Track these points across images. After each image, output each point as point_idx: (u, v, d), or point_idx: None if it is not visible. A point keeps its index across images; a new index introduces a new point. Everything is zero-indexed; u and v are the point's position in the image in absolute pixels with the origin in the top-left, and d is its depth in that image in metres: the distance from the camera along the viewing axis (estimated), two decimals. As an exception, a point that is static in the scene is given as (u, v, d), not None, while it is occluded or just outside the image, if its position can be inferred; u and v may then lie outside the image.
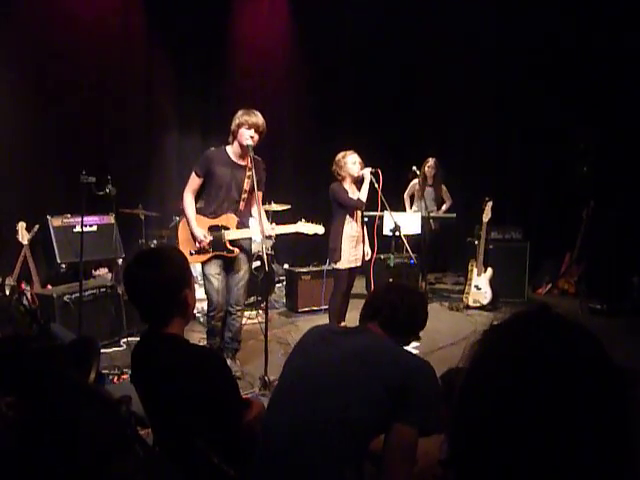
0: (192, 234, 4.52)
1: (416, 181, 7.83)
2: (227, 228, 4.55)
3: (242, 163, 4.57)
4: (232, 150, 4.58)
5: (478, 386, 0.85)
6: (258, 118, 4.46)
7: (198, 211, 4.60)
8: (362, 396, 1.84)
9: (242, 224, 4.65)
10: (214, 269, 4.56)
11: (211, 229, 4.55)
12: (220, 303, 4.59)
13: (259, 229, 4.39)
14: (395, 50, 8.74)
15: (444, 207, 7.98)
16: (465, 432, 0.85)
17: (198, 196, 4.65)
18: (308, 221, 4.73)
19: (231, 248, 4.56)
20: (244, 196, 4.63)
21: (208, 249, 4.52)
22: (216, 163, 4.51)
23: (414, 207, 7.92)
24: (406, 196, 8.00)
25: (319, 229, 4.80)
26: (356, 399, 1.84)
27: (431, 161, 7.83)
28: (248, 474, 1.89)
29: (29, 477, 1.30)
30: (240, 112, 4.53)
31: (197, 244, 4.51)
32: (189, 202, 4.58)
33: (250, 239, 4.82)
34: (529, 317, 0.88)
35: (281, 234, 4.89)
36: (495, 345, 0.87)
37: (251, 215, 4.82)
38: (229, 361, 4.69)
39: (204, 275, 4.60)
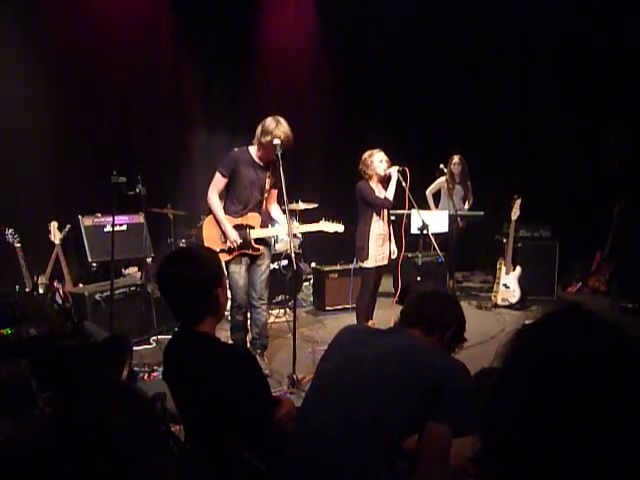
0: (224, 234, 4.60)
1: (443, 179, 7.68)
2: (252, 227, 4.65)
3: (263, 164, 4.66)
4: (255, 151, 4.65)
5: (510, 385, 0.85)
6: (286, 130, 4.50)
7: (233, 213, 4.70)
8: (396, 397, 1.84)
9: (264, 223, 4.74)
10: (238, 267, 4.66)
11: (236, 228, 4.64)
12: (244, 299, 4.71)
13: (286, 228, 4.47)
14: (421, 48, 8.69)
15: (466, 205, 7.88)
16: (497, 431, 0.85)
17: (220, 196, 4.74)
18: (329, 220, 4.81)
19: (256, 246, 4.66)
20: (265, 195, 4.73)
21: (234, 248, 4.61)
22: (241, 163, 4.58)
23: (440, 205, 7.83)
24: (429, 193, 7.87)
25: (339, 227, 4.87)
26: (390, 399, 1.84)
27: (456, 158, 7.70)
28: (279, 471, 1.90)
29: (65, 471, 1.33)
30: (270, 122, 4.54)
31: (227, 243, 4.59)
32: (217, 203, 4.67)
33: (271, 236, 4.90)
34: (561, 316, 0.88)
35: (305, 232, 4.96)
36: (528, 344, 0.87)
37: (269, 213, 4.90)
38: (258, 359, 4.70)
39: (228, 272, 4.66)
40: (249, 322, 4.96)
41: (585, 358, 0.79)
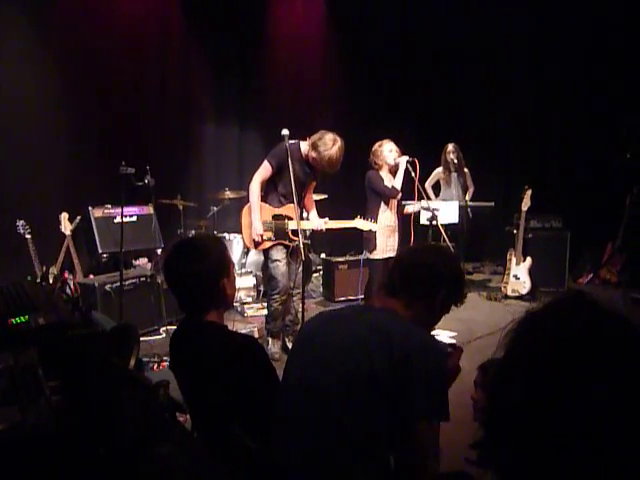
0: (252, 224, 4.69)
1: (440, 170, 7.52)
2: (291, 218, 4.71)
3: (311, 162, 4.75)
4: (305, 148, 4.73)
5: (513, 373, 0.85)
6: (332, 156, 4.57)
7: (262, 199, 4.78)
8: (366, 366, 1.67)
9: (301, 216, 4.87)
10: (280, 254, 4.76)
11: (275, 218, 4.74)
12: (286, 286, 4.79)
13: (317, 221, 4.77)
14: (432, 39, 8.63)
15: (468, 194, 7.75)
16: (500, 419, 0.84)
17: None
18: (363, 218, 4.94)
19: (293, 237, 4.72)
20: (305, 190, 4.88)
21: (270, 237, 4.72)
22: (292, 159, 4.50)
23: (441, 196, 7.69)
24: (427, 185, 7.74)
25: (374, 226, 4.97)
26: (361, 365, 1.68)
27: (450, 146, 7.40)
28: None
29: (71, 459, 1.34)
30: (328, 140, 4.61)
31: (254, 235, 4.68)
32: (256, 191, 4.71)
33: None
34: (564, 304, 0.87)
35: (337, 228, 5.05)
36: (531, 332, 0.87)
37: (305, 207, 5.06)
38: (290, 344, 4.93)
39: (270, 260, 4.78)
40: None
41: (588, 346, 0.79)
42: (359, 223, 4.90)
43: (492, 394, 0.87)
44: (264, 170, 4.71)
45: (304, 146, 4.71)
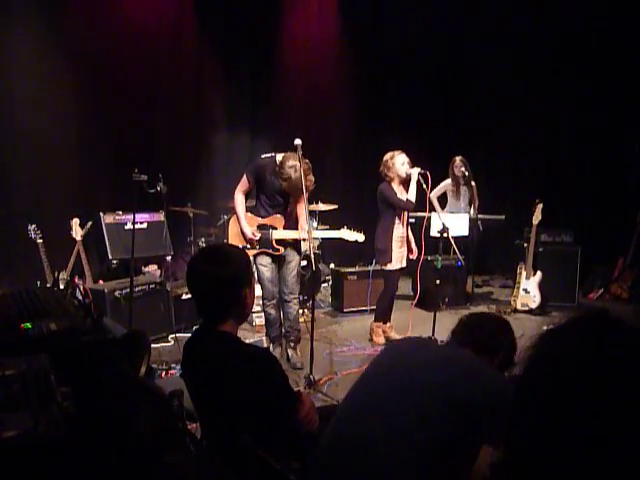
0: (242, 231, 4.79)
1: (448, 181, 7.51)
2: (275, 228, 4.81)
3: None
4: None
5: (533, 391, 0.83)
6: (290, 172, 4.50)
7: (249, 210, 4.90)
8: (424, 408, 1.80)
9: (288, 225, 4.87)
10: (265, 260, 4.84)
11: (260, 227, 4.82)
12: (272, 291, 4.89)
13: (298, 231, 4.78)
14: (444, 51, 8.66)
15: (473, 209, 7.70)
16: (519, 439, 0.83)
17: (249, 194, 4.95)
18: (351, 229, 4.93)
19: (277, 247, 4.81)
20: (291, 199, 4.87)
21: (255, 246, 4.80)
22: (266, 172, 4.71)
23: (447, 208, 7.64)
24: (433, 196, 7.65)
25: (360, 237, 4.98)
26: (432, 409, 1.80)
27: (458, 159, 7.42)
28: (309, 470, 1.89)
29: (82, 467, 1.33)
30: (285, 158, 4.58)
31: (246, 241, 4.79)
32: (240, 201, 4.85)
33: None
34: (588, 322, 0.85)
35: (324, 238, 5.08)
36: (552, 350, 0.85)
37: (297, 217, 5.00)
38: (290, 351, 5.03)
39: (256, 265, 4.85)
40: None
41: (613, 366, 0.77)
42: (345, 234, 4.91)
43: (512, 414, 0.86)
44: (242, 183, 4.85)
45: (280, 157, 4.67)
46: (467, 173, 7.26)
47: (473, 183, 7.35)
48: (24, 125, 5.86)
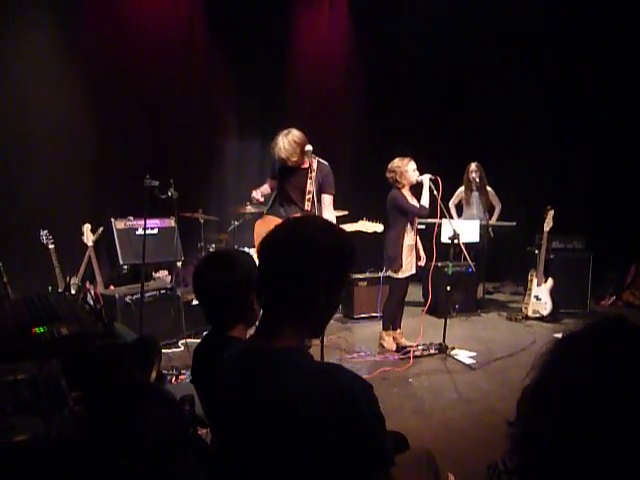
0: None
1: (462, 189, 7.64)
2: None
3: (304, 166, 4.78)
4: None
5: (550, 397, 0.82)
6: (279, 150, 4.69)
7: (268, 211, 5.06)
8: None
9: None
10: None
11: None
12: None
13: None
14: (455, 57, 8.64)
15: (495, 213, 7.75)
16: (535, 443, 0.82)
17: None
18: (369, 220, 4.94)
19: None
20: (308, 196, 4.81)
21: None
22: (279, 166, 4.85)
23: (463, 216, 7.67)
24: (451, 205, 7.73)
25: (378, 227, 4.96)
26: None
27: (473, 165, 7.52)
28: None
29: (92, 471, 1.33)
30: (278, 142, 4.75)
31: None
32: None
33: None
34: (605, 328, 0.84)
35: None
36: (569, 356, 0.84)
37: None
38: None
39: None
40: None
41: (630, 373, 0.76)
42: (363, 226, 4.89)
43: (528, 418, 0.85)
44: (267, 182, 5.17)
45: None
46: (477, 179, 7.27)
47: (489, 189, 7.37)
48: (36, 131, 5.90)
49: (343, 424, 1.34)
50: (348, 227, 4.93)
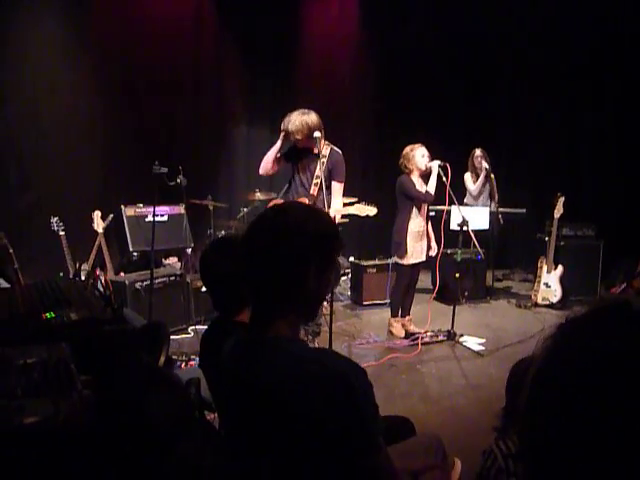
0: None
1: (467, 175, 7.52)
2: None
3: (314, 151, 4.80)
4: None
5: (551, 382, 0.82)
6: (289, 122, 4.76)
7: (281, 197, 5.16)
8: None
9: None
10: None
11: None
12: None
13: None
14: (462, 46, 8.56)
15: (494, 203, 7.65)
16: (536, 429, 0.82)
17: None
18: (367, 204, 4.92)
19: None
20: (316, 181, 4.81)
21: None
22: (290, 148, 4.93)
23: (466, 200, 7.56)
24: (475, 190, 7.70)
25: (372, 210, 4.89)
26: None
27: (478, 151, 7.39)
28: None
29: (100, 453, 1.35)
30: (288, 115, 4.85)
31: None
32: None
33: None
34: (610, 312, 0.84)
35: (345, 221, 5.02)
36: (571, 340, 0.84)
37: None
38: (309, 345, 4.91)
39: None
40: None
41: (634, 358, 0.76)
42: (358, 208, 4.87)
43: (528, 404, 0.85)
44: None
45: None
46: (487, 166, 7.20)
47: (492, 176, 7.28)
48: (46, 118, 5.94)
49: (334, 409, 1.36)
50: (343, 211, 4.93)
